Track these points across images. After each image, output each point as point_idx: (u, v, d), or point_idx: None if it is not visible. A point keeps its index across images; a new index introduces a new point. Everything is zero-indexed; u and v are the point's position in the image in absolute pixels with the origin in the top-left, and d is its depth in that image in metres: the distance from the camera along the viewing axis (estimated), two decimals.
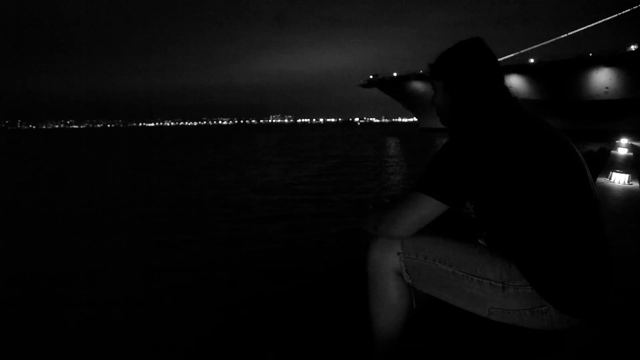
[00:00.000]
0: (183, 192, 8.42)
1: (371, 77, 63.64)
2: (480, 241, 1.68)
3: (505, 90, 1.61)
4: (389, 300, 1.64)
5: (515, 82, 47.01)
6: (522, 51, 57.15)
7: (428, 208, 1.51)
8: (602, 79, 44.45)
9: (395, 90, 59.74)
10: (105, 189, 8.44)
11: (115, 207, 6.64)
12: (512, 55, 54.47)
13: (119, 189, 8.34)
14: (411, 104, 60.35)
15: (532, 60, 49.37)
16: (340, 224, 5.47)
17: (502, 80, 1.60)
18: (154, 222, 5.58)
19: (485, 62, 1.62)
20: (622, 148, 8.04)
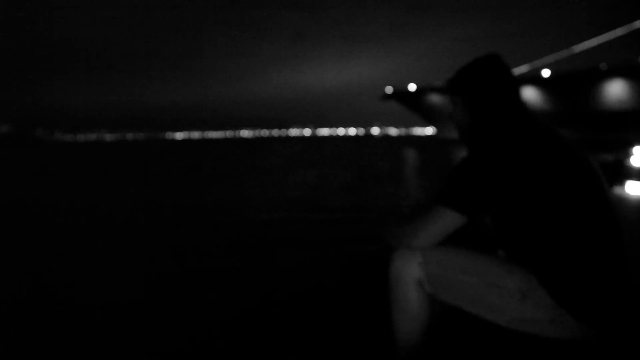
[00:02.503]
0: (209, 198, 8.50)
1: (388, 92, 63.38)
2: (499, 252, 1.68)
3: (523, 104, 1.63)
4: (411, 309, 1.65)
5: (529, 93, 46.56)
6: (534, 63, 56.47)
7: (448, 220, 1.55)
8: (616, 90, 43.75)
9: (413, 102, 59.57)
10: (154, 203, 8.56)
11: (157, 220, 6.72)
12: (525, 67, 53.84)
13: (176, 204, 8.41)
14: (428, 115, 60.04)
15: (545, 72, 48.69)
16: (359, 237, 5.43)
17: (519, 95, 1.60)
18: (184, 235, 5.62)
19: (503, 78, 1.66)
20: (636, 158, 7.90)
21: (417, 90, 57.19)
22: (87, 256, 4.58)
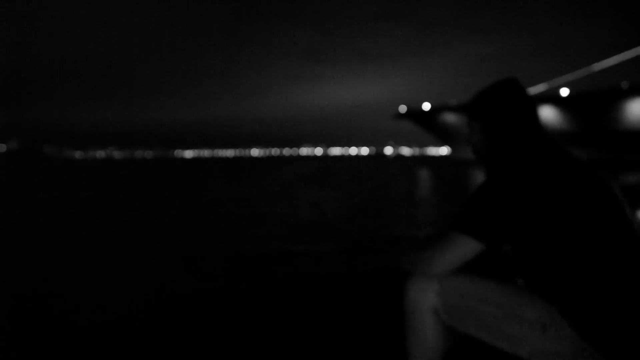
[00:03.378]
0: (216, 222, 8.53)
1: (401, 111, 63.36)
2: (518, 281, 1.67)
3: (541, 129, 1.64)
4: (426, 339, 1.65)
5: (547, 113, 46.37)
6: (553, 81, 56.24)
7: (465, 247, 1.55)
8: (638, 109, 43.38)
9: (427, 122, 59.55)
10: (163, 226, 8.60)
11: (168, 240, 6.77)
12: (542, 85, 53.59)
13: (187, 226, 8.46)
14: (443, 135, 59.92)
15: (564, 91, 48.39)
16: (372, 261, 5.41)
17: (538, 120, 1.61)
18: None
19: (522, 104, 1.61)
20: None
21: (431, 109, 57.21)
22: (83, 271, 4.67)
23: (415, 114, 60.36)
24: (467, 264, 1.58)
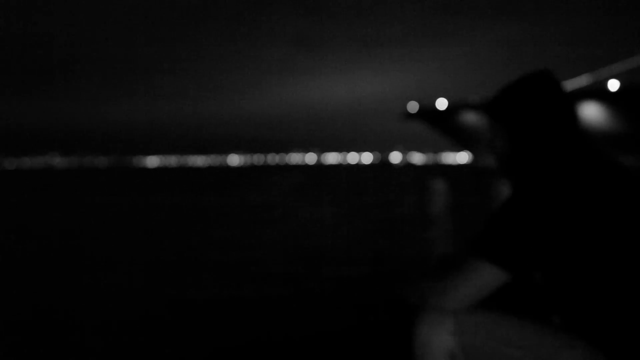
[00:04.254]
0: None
1: (411, 110, 63.40)
2: (553, 318, 1.65)
3: (580, 133, 1.59)
4: None
5: (590, 111, 45.94)
6: (598, 72, 54.27)
7: (487, 276, 1.53)
8: None
9: (443, 123, 59.43)
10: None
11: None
12: (585, 77, 52.25)
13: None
14: (462, 139, 59.90)
15: (613, 85, 47.27)
16: (374, 292, 5.45)
17: (576, 122, 1.61)
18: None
19: (556, 101, 1.59)
20: None
21: (448, 107, 57.17)
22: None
23: (428, 113, 60.11)
24: (489, 297, 1.57)
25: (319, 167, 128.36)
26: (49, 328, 4.24)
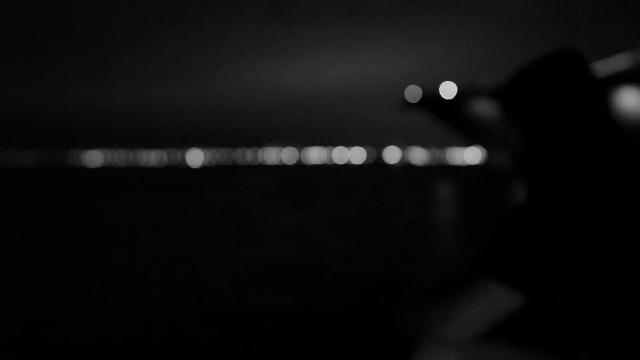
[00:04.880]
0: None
1: (411, 98, 63.27)
2: (579, 351, 1.66)
3: (613, 125, 1.55)
4: None
5: (632, 99, 45.76)
6: None
7: (497, 300, 1.49)
8: None
9: (450, 113, 59.44)
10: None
11: None
12: (622, 57, 51.71)
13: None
14: (473, 132, 59.98)
15: None
16: (367, 322, 5.56)
17: (609, 112, 1.58)
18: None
19: (582, 88, 1.57)
20: None
21: (457, 95, 57.15)
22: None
23: (432, 101, 60.04)
24: (500, 324, 1.58)
25: (300, 167, 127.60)
26: None
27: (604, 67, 50.41)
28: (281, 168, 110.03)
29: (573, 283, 1.44)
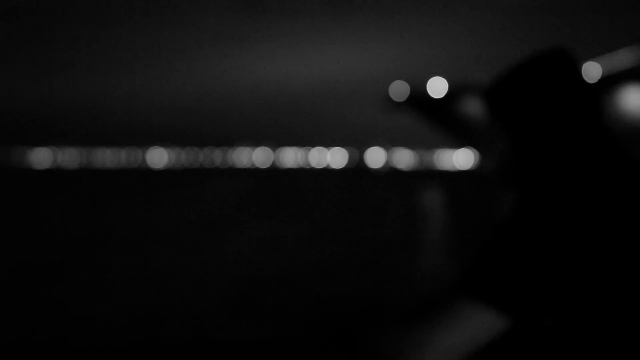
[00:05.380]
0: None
1: (396, 96, 62.99)
2: None
3: (607, 131, 1.61)
4: None
5: (633, 99, 45.82)
6: None
7: (479, 323, 1.45)
8: None
9: (439, 112, 59.49)
10: None
11: None
12: (626, 52, 51.98)
13: None
14: (464, 134, 60.17)
15: None
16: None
17: (603, 116, 1.64)
18: None
19: (573, 90, 1.63)
20: None
21: (447, 93, 57.24)
22: None
23: (420, 100, 60.13)
24: (482, 351, 1.53)
25: (274, 170, 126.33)
26: None
27: (606, 63, 50.46)
28: (253, 172, 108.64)
29: (564, 304, 1.46)
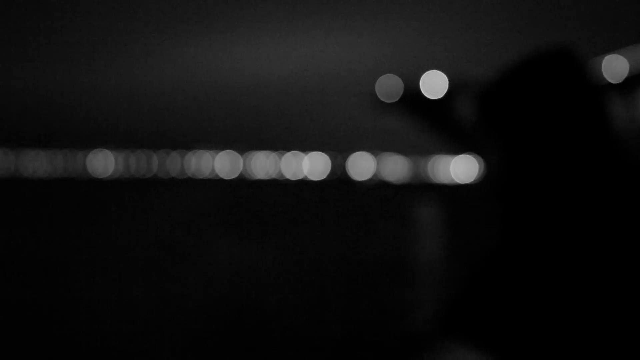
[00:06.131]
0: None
1: (386, 96, 62.08)
2: None
3: (614, 143, 1.64)
4: None
5: None
6: None
7: None
8: None
9: (433, 114, 59.20)
10: None
11: None
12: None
13: None
14: (465, 138, 60.19)
15: None
16: None
17: (612, 123, 1.68)
18: None
19: (577, 97, 1.66)
20: None
21: (449, 90, 56.87)
22: None
23: (415, 100, 59.64)
24: None
25: (241, 182, 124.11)
26: None
27: (616, 60, 50.61)
28: (216, 182, 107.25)
29: (557, 344, 1.50)
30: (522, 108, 1.63)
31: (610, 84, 51.66)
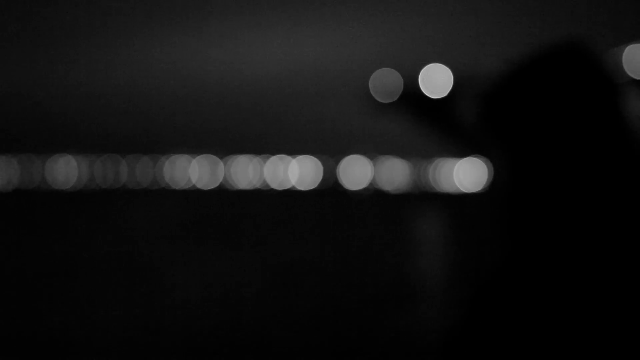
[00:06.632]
0: None
1: (381, 97, 61.63)
2: None
3: (634, 147, 1.63)
4: None
5: None
6: None
7: None
8: None
9: (435, 113, 59.41)
10: None
11: None
12: None
13: None
14: (469, 141, 60.34)
15: None
16: None
17: (629, 127, 1.69)
18: None
19: (591, 98, 1.66)
20: None
21: (454, 87, 56.91)
22: None
23: (417, 99, 59.67)
24: None
25: (221, 192, 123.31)
26: None
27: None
28: (192, 192, 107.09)
29: None
30: (532, 109, 1.61)
31: (632, 79, 52.33)
